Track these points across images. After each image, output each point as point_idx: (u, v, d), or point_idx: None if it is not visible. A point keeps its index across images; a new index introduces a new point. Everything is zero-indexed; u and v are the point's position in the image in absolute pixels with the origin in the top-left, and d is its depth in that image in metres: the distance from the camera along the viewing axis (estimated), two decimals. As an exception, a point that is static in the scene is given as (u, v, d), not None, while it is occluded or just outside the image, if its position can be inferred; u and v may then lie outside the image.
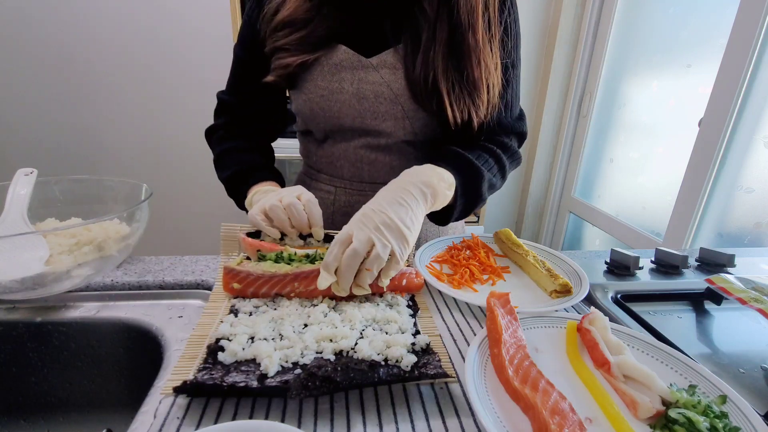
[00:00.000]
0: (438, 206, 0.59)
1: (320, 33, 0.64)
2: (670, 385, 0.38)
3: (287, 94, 0.78)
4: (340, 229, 0.50)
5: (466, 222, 1.90)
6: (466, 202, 0.63)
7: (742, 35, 1.19)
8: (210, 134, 0.79)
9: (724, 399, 0.37)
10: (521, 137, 0.75)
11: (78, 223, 0.52)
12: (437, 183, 0.57)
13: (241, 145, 0.75)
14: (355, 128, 0.69)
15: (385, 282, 0.50)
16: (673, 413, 0.35)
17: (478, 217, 1.90)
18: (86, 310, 0.53)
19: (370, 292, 0.51)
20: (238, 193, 0.71)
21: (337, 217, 0.78)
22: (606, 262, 0.70)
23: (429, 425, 0.36)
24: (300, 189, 0.60)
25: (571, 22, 1.91)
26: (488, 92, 0.63)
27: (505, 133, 0.71)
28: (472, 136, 0.67)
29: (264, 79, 0.68)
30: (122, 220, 0.57)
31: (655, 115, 1.63)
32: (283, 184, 0.72)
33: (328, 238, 0.61)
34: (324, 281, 0.48)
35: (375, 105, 0.67)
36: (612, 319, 0.53)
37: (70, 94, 1.78)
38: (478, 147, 0.67)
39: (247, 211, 0.67)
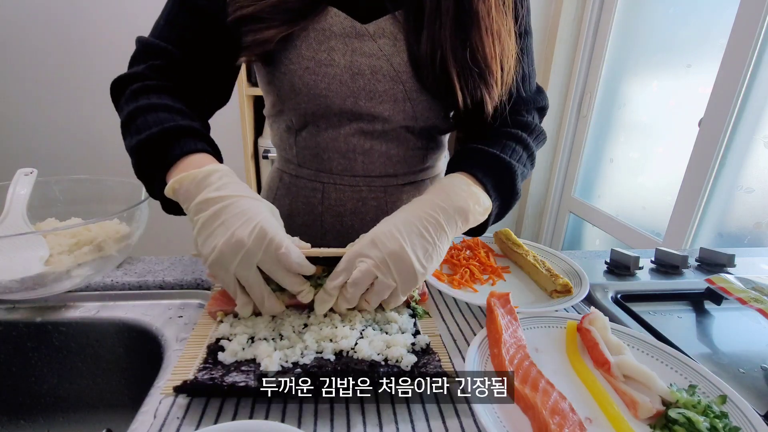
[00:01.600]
0: (469, 227, 0.51)
1: None
2: (670, 385, 0.38)
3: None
4: (329, 232, 0.46)
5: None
6: (501, 204, 0.54)
7: (742, 35, 1.19)
8: (121, 86, 0.53)
9: (724, 399, 0.37)
10: (542, 111, 0.66)
11: (78, 223, 0.52)
12: (472, 208, 0.48)
13: (168, 102, 0.51)
14: (345, 110, 0.58)
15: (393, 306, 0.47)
16: (673, 413, 0.35)
17: (478, 217, 1.91)
18: (86, 310, 0.53)
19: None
20: (154, 165, 0.47)
21: (326, 217, 0.68)
22: (606, 262, 0.70)
23: (429, 425, 0.36)
24: (271, 240, 0.40)
25: (571, 22, 1.91)
26: (502, 70, 0.54)
27: (526, 109, 0.62)
28: (483, 119, 0.58)
29: (238, 59, 0.54)
30: (122, 220, 0.57)
31: (655, 115, 1.63)
32: (220, 158, 0.51)
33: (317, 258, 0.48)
34: (321, 308, 0.45)
35: (372, 83, 0.56)
36: (612, 319, 0.53)
37: (70, 94, 1.78)
38: (500, 134, 0.58)
39: (162, 203, 0.49)
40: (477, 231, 0.55)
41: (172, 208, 0.48)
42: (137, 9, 1.64)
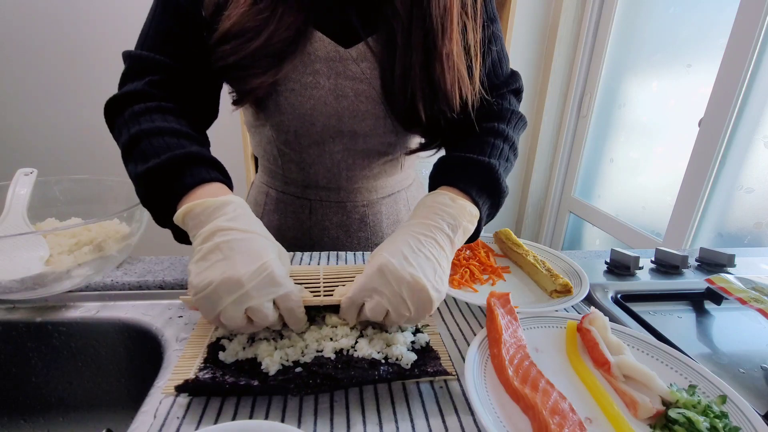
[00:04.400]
0: (465, 238, 0.50)
1: (286, 34, 0.50)
2: (670, 385, 0.38)
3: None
4: (317, 244, 0.45)
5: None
6: (490, 206, 0.54)
7: (742, 35, 1.19)
8: (118, 107, 0.50)
9: (724, 399, 0.37)
10: (518, 94, 0.65)
11: (78, 223, 0.52)
12: (464, 224, 0.47)
13: (174, 125, 0.48)
14: (329, 128, 0.60)
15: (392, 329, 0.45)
16: (673, 413, 0.35)
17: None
18: (86, 310, 0.53)
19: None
20: (163, 194, 0.44)
21: (314, 231, 0.72)
22: (606, 262, 0.70)
23: (429, 424, 0.36)
24: (271, 284, 0.38)
25: (571, 22, 1.91)
26: (461, 98, 0.56)
27: (500, 94, 0.62)
28: (459, 121, 0.58)
29: (234, 104, 0.55)
30: (122, 220, 0.57)
31: (655, 115, 1.63)
32: (231, 187, 0.49)
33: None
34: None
35: (355, 103, 0.58)
36: (612, 319, 0.53)
37: (71, 94, 1.78)
38: (480, 132, 0.57)
39: (173, 231, 0.46)
40: (471, 237, 0.53)
41: (183, 236, 0.45)
42: (138, 9, 1.64)
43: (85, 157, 1.87)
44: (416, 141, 0.71)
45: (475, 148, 0.54)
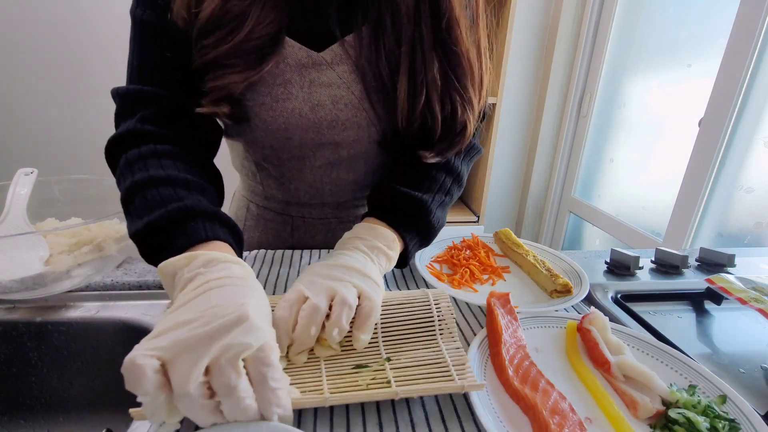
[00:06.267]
0: (389, 267, 0.49)
1: (265, 31, 0.46)
2: (670, 385, 0.38)
3: None
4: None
5: (465, 222, 1.91)
6: (420, 240, 0.54)
7: (742, 35, 1.19)
8: (115, 150, 0.47)
9: (724, 399, 0.37)
10: (483, 118, 0.61)
11: (78, 223, 0.52)
12: (378, 244, 0.47)
13: (170, 171, 0.43)
14: (306, 142, 0.55)
15: (363, 339, 0.39)
16: (673, 413, 0.35)
17: (478, 217, 1.90)
18: (86, 310, 0.53)
19: (339, 351, 0.39)
20: (160, 253, 0.38)
21: (297, 249, 0.67)
22: (606, 262, 0.70)
23: (429, 425, 0.36)
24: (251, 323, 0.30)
25: (571, 22, 1.91)
26: (482, 85, 0.53)
27: None
28: (416, 144, 0.54)
29: (199, 108, 0.48)
30: (122, 220, 0.57)
31: (655, 115, 1.63)
32: (240, 244, 0.44)
33: None
34: (298, 359, 0.38)
35: (333, 112, 0.53)
36: (612, 319, 0.53)
37: (71, 94, 1.78)
38: (426, 166, 0.56)
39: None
40: (400, 263, 0.54)
41: None
42: (137, 9, 1.64)
43: (85, 157, 1.87)
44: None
45: (415, 180, 0.55)
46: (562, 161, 2.12)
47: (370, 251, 0.46)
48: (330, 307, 0.38)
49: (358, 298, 0.40)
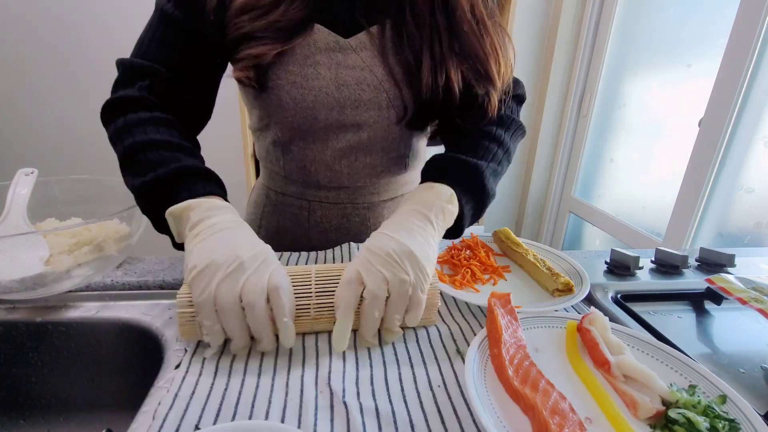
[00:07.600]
0: (449, 223, 0.52)
1: (295, 15, 0.53)
2: (670, 385, 0.38)
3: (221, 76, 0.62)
4: (315, 247, 0.45)
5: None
6: (474, 205, 0.56)
7: (742, 35, 1.19)
8: (113, 112, 0.52)
9: (724, 399, 0.37)
10: (520, 101, 0.67)
11: (78, 223, 0.52)
12: (443, 204, 0.50)
13: (167, 137, 0.50)
14: (331, 122, 0.60)
15: (413, 322, 0.45)
16: (673, 413, 0.35)
17: (478, 217, 1.91)
18: (86, 310, 0.53)
19: (402, 333, 0.46)
20: (160, 206, 0.46)
21: (313, 233, 0.72)
22: (606, 262, 0.70)
23: (428, 425, 0.36)
24: (267, 264, 0.41)
25: (571, 22, 1.91)
26: (499, 64, 0.57)
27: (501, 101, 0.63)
28: (460, 118, 0.60)
29: (233, 73, 0.57)
30: (122, 220, 0.57)
31: (655, 115, 1.63)
32: (225, 196, 0.51)
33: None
34: (341, 341, 0.42)
35: (357, 92, 0.59)
36: (612, 319, 0.53)
37: (71, 93, 1.78)
38: (474, 134, 0.59)
39: (171, 238, 0.48)
40: (454, 232, 0.56)
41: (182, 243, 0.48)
42: (138, 9, 1.64)
43: (85, 157, 1.87)
44: (422, 139, 0.72)
45: (467, 149, 0.57)
46: (562, 161, 2.12)
47: (428, 211, 0.49)
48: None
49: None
